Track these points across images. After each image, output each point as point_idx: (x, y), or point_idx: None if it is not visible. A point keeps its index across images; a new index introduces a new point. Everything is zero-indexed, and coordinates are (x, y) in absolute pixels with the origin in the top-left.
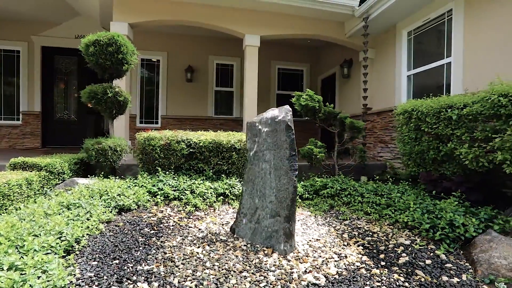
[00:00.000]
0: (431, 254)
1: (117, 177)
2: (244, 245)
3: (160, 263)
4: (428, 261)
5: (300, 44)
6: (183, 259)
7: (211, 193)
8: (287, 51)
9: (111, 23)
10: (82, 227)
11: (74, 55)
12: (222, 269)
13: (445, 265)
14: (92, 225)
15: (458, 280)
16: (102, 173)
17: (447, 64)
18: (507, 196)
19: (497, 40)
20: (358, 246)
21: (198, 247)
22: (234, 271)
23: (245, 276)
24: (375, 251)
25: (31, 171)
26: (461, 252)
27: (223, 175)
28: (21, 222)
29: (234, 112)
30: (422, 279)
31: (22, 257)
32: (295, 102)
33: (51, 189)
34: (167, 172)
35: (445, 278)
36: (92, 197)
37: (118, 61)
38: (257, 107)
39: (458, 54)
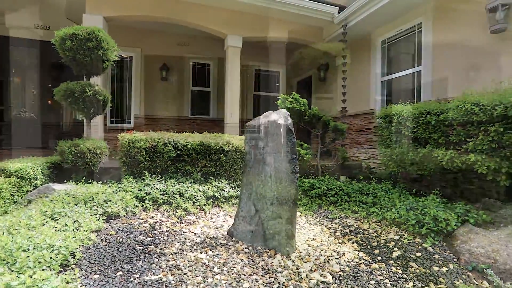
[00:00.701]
0: (419, 247)
1: (99, 182)
2: (246, 248)
3: (167, 272)
4: (418, 254)
5: (277, 46)
6: (189, 266)
7: (200, 196)
8: (264, 52)
9: (83, 15)
10: (74, 238)
11: (34, 47)
12: (232, 274)
13: (433, 256)
14: (83, 236)
15: (447, 269)
16: (83, 178)
17: (418, 72)
18: (474, 193)
19: (461, 55)
20: (353, 243)
21: (201, 252)
22: (244, 275)
23: (256, 279)
24: (369, 247)
25: None
26: (444, 244)
27: (211, 178)
28: (3, 235)
29: (211, 112)
30: (417, 270)
31: (18, 276)
32: (281, 104)
33: (22, 198)
34: (153, 176)
35: (435, 268)
36: (76, 205)
37: (98, 57)
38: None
39: (428, 63)
